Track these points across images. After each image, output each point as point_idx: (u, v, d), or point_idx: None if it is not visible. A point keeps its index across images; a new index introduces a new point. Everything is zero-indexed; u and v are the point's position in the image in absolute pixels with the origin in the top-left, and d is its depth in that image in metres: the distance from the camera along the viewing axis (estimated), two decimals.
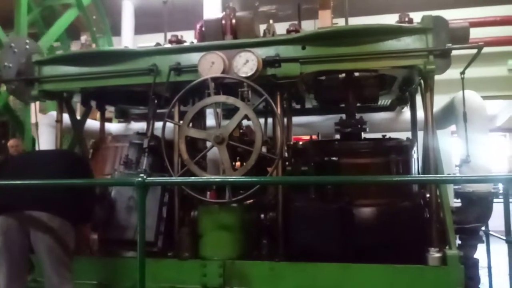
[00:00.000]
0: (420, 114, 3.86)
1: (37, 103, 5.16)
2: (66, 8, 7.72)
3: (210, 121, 4.21)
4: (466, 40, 3.51)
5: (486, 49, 3.62)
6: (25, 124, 6.11)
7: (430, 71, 3.27)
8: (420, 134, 3.92)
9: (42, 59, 4.16)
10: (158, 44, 4.22)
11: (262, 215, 3.53)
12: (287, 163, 3.91)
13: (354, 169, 3.53)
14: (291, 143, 4.34)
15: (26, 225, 3.05)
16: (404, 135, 4.16)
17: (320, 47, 3.47)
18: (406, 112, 5.21)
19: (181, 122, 3.53)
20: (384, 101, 5.16)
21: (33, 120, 6.45)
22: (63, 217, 3.12)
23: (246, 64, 3.44)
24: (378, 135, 4.08)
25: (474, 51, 3.43)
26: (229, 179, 3.19)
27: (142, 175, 2.48)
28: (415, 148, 3.95)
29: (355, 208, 3.35)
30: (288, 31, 3.73)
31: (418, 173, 3.98)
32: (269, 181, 3.48)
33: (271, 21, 3.87)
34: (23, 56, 4.27)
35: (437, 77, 3.42)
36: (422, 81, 3.59)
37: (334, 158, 3.49)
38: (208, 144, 3.52)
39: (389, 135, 4.05)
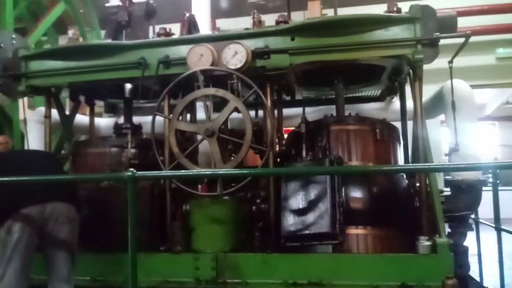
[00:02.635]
0: (410, 104, 3.88)
1: (25, 99, 5.09)
2: (53, 2, 7.61)
3: (201, 114, 4.19)
4: (454, 29, 3.53)
5: (474, 38, 3.65)
6: (13, 121, 6.02)
7: (418, 61, 3.29)
8: (410, 124, 3.95)
9: (29, 53, 4.11)
10: (146, 37, 4.20)
11: (254, 208, 3.54)
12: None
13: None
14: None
15: (46, 217, 3.10)
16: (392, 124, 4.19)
17: (309, 38, 3.47)
18: (396, 102, 5.23)
19: (171, 115, 3.51)
20: (373, 91, 5.17)
21: (21, 117, 6.38)
22: (77, 209, 3.27)
23: (235, 56, 3.42)
24: None
25: (462, 40, 3.45)
26: (219, 172, 3.18)
27: (132, 169, 2.46)
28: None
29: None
30: (277, 22, 3.70)
31: (408, 162, 4.01)
32: (259, 172, 3.48)
33: (255, 11, 3.84)
34: (9, 51, 4.21)
35: (425, 67, 3.44)
36: (411, 71, 3.61)
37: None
38: (199, 137, 3.50)
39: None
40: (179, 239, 3.47)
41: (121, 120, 5.89)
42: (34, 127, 5.22)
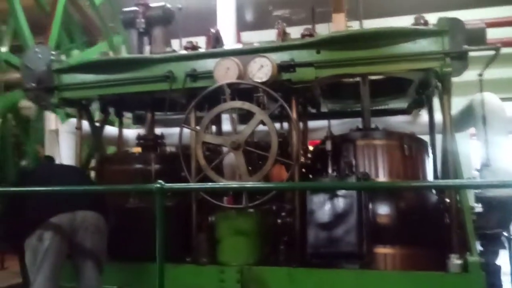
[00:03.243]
0: (438, 117, 3.82)
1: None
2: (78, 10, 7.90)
3: (226, 126, 4.24)
4: (483, 41, 3.46)
5: (503, 50, 3.57)
6: (38, 131, 6.22)
7: (447, 74, 3.24)
8: (439, 138, 3.88)
9: (61, 67, 4.25)
10: (173, 50, 4.28)
11: (279, 220, 3.53)
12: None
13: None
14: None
15: (76, 226, 3.18)
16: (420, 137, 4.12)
17: (335, 51, 3.47)
18: (424, 115, 5.15)
19: (198, 127, 3.56)
20: (400, 104, 5.11)
21: (53, 127, 6.59)
22: (105, 219, 3.35)
23: (261, 69, 3.45)
24: None
25: (492, 52, 3.37)
26: (246, 185, 3.19)
27: (160, 181, 2.51)
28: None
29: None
30: (303, 36, 3.72)
31: (437, 177, 3.93)
32: (285, 187, 3.47)
33: (279, 21, 3.87)
34: (44, 63, 4.37)
35: (454, 79, 3.38)
36: (439, 84, 3.55)
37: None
38: (224, 149, 3.53)
39: None
40: (205, 251, 3.50)
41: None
42: (66, 138, 5.37)
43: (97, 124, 4.94)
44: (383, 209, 3.36)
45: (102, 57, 4.33)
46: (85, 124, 4.63)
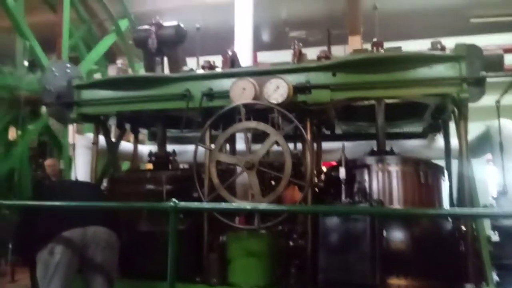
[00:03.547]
0: (454, 141, 3.78)
1: (74, 124, 5.36)
2: (104, 33, 8.09)
3: (240, 145, 4.25)
4: (500, 67, 3.44)
5: None
6: (63, 145, 6.33)
7: (463, 100, 3.22)
8: (454, 163, 3.83)
9: (81, 83, 4.34)
10: (191, 69, 4.35)
11: (291, 243, 3.50)
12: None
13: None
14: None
15: (87, 241, 3.20)
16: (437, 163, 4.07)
17: (351, 74, 3.48)
18: (439, 139, 5.10)
19: (212, 145, 3.58)
20: (416, 127, 5.08)
21: (70, 141, 6.71)
22: (117, 235, 3.36)
23: (276, 90, 3.48)
24: None
25: (509, 78, 3.36)
26: (259, 207, 3.17)
27: (174, 200, 2.52)
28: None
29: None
30: (319, 58, 3.75)
31: (453, 204, 3.86)
32: (298, 210, 3.45)
33: (296, 42, 3.91)
34: (63, 80, 4.47)
35: (471, 104, 3.36)
36: (455, 109, 3.53)
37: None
38: (238, 169, 3.54)
39: None
40: (215, 271, 3.47)
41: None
42: (82, 152, 5.45)
43: (113, 139, 5.02)
44: (397, 237, 3.28)
45: (122, 73, 4.42)
46: (102, 139, 4.71)
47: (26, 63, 5.62)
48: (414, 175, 3.54)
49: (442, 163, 4.22)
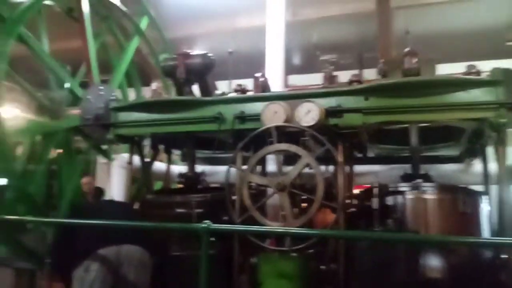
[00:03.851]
0: (493, 166, 3.66)
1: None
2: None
3: (271, 166, 4.27)
4: None
5: None
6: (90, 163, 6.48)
7: (502, 125, 3.14)
8: (493, 188, 3.70)
9: (118, 106, 4.52)
10: (223, 93, 4.44)
11: (323, 266, 3.45)
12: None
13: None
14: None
15: (121, 259, 3.29)
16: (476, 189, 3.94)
17: (384, 98, 3.46)
18: (477, 164, 4.95)
19: (244, 167, 3.62)
20: (452, 151, 4.95)
21: (105, 160, 6.91)
22: (150, 254, 3.45)
23: (308, 114, 3.51)
24: None
25: None
26: (291, 230, 3.16)
27: (207, 221, 2.55)
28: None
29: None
30: (350, 82, 3.76)
31: (493, 231, 3.70)
32: (331, 234, 3.41)
33: (328, 65, 3.93)
34: (100, 102, 4.65)
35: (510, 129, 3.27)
36: (493, 133, 3.43)
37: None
38: (269, 190, 3.55)
39: None
40: None
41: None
42: (117, 172, 5.60)
43: (147, 159, 5.15)
44: (433, 265, 3.18)
45: (156, 96, 4.56)
46: (136, 159, 4.84)
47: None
48: (452, 204, 3.39)
49: (480, 189, 4.09)
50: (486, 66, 3.43)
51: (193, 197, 4.06)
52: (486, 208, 3.63)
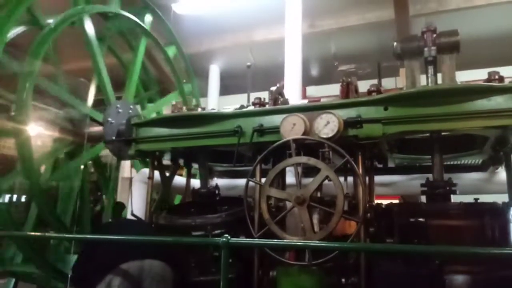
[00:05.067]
0: None
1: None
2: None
3: (290, 178, 4.25)
4: None
5: None
6: (110, 179, 6.61)
7: None
8: None
9: (139, 121, 4.59)
10: (242, 106, 4.46)
11: (343, 280, 3.40)
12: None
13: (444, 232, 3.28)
14: (374, 203, 4.20)
15: (143, 274, 3.31)
16: (499, 198, 3.83)
17: (404, 108, 3.41)
18: (501, 172, 4.82)
19: (263, 180, 3.61)
20: (475, 159, 4.84)
21: (126, 175, 7.02)
22: (172, 269, 3.46)
23: (327, 125, 3.48)
24: (469, 198, 3.80)
25: None
26: (310, 244, 3.13)
27: (226, 235, 2.55)
28: None
29: (446, 275, 3.06)
30: (369, 92, 3.72)
31: None
32: (352, 247, 3.36)
33: (353, 77, 3.90)
34: (124, 117, 4.75)
35: None
36: None
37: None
38: (288, 204, 3.53)
39: (482, 198, 3.76)
40: None
41: (215, 181, 6.21)
42: (138, 187, 5.68)
43: (168, 174, 5.20)
44: (459, 282, 3.07)
45: (176, 111, 4.62)
46: (157, 174, 4.90)
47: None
48: (480, 228, 3.27)
49: (504, 197, 3.98)
50: (508, 72, 3.35)
51: (209, 219, 3.99)
52: None
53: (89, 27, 5.72)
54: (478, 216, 3.33)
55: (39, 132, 5.52)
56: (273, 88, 4.27)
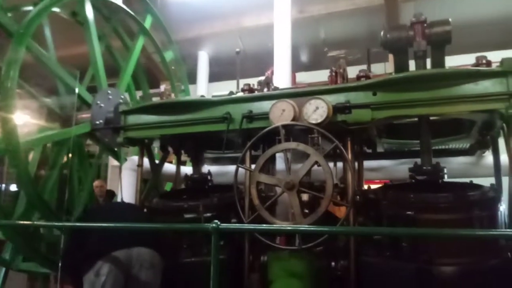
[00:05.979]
0: (504, 158, 3.60)
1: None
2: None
3: (279, 164, 4.27)
4: None
5: None
6: (100, 167, 6.54)
7: None
8: (505, 180, 3.64)
9: (127, 109, 4.55)
10: (231, 92, 4.44)
11: (333, 263, 3.45)
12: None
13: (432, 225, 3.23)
14: (362, 189, 4.24)
15: (132, 261, 3.31)
16: (486, 181, 3.89)
17: (392, 93, 3.42)
18: (488, 156, 4.89)
19: (252, 166, 3.62)
20: (462, 144, 4.90)
21: (116, 163, 6.98)
22: (160, 256, 3.44)
23: (316, 111, 3.49)
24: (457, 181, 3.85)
25: None
26: (300, 228, 3.16)
27: (216, 221, 2.56)
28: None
29: (434, 267, 3.07)
30: (358, 77, 3.73)
31: (505, 225, 3.65)
32: (340, 231, 3.40)
33: (341, 61, 3.89)
34: (109, 106, 4.70)
35: None
36: (504, 125, 3.39)
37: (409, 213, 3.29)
38: (278, 189, 3.55)
39: (469, 181, 3.82)
40: None
41: (205, 168, 6.21)
42: (127, 174, 5.66)
43: (157, 161, 5.19)
44: (446, 264, 3.07)
45: (164, 100, 4.59)
46: (146, 161, 4.88)
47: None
48: (471, 221, 3.22)
49: (491, 180, 4.04)
50: (496, 57, 3.38)
51: (201, 201, 3.95)
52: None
53: (89, 11, 5.64)
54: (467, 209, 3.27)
55: (26, 121, 5.44)
56: (262, 78, 4.26)
